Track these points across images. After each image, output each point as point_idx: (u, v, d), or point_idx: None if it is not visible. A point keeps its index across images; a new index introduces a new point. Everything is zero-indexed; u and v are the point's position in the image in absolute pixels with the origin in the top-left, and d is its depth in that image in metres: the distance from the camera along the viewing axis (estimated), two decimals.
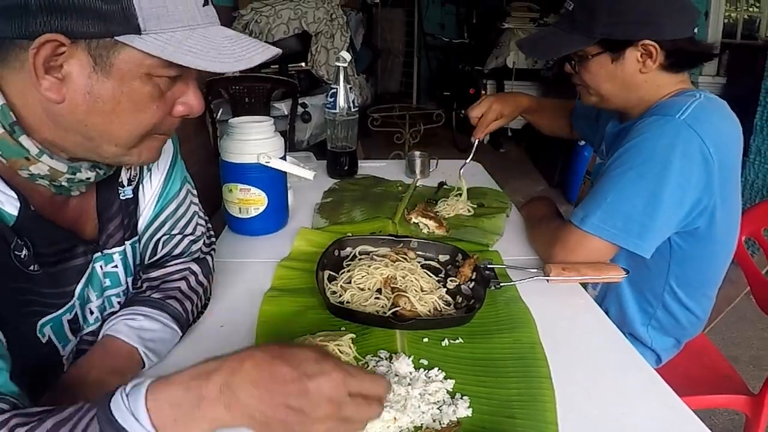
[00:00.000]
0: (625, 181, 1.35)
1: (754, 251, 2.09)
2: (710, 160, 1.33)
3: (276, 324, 1.19)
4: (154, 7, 0.80)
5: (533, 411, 0.95)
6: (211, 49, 0.83)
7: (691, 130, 1.32)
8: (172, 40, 0.81)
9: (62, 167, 0.88)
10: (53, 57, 0.78)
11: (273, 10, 4.55)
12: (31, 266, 0.87)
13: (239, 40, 0.89)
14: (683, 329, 1.64)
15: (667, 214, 1.35)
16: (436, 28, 8.37)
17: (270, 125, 1.58)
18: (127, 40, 0.79)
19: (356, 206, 1.85)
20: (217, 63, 0.82)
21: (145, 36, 0.80)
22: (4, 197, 0.82)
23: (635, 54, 1.42)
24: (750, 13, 5.38)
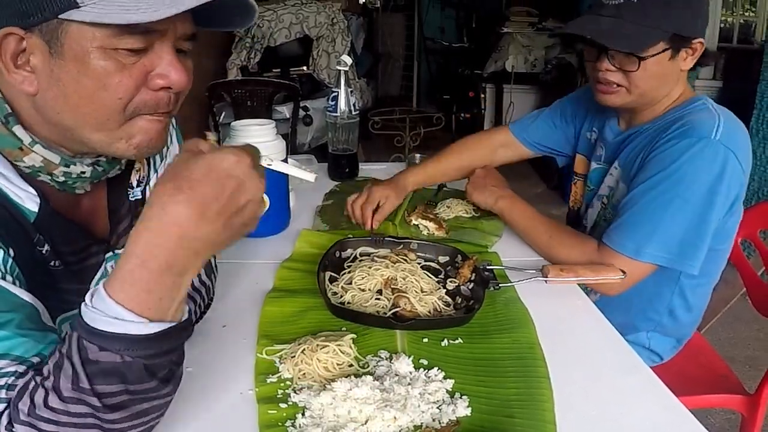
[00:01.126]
0: (673, 209, 1.35)
1: (750, 253, 2.08)
2: (744, 174, 1.39)
3: (277, 324, 1.19)
4: None
5: (532, 410, 0.95)
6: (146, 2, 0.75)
7: (729, 151, 1.33)
8: (108, 4, 0.75)
9: (55, 158, 0.86)
10: (20, 52, 0.78)
11: (275, 15, 4.55)
12: (52, 262, 0.89)
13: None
14: (684, 328, 1.64)
15: (712, 229, 1.38)
16: (436, 32, 8.37)
17: (272, 128, 1.58)
18: (68, 15, 0.75)
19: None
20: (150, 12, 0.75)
21: (83, 7, 0.75)
22: (24, 194, 0.83)
23: (685, 52, 1.41)
24: (746, 18, 5.38)
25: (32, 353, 0.77)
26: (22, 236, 0.83)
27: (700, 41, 1.40)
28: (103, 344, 0.70)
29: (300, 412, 0.92)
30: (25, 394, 0.73)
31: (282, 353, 1.07)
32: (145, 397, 0.74)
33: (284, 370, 1.03)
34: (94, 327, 0.70)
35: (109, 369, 0.70)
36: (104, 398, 0.71)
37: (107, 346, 0.70)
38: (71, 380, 0.70)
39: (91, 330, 0.70)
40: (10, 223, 0.82)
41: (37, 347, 0.78)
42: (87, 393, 0.70)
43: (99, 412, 0.71)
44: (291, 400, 0.95)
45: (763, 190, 3.55)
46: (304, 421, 0.90)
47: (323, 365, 1.02)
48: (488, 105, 6.57)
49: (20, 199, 0.83)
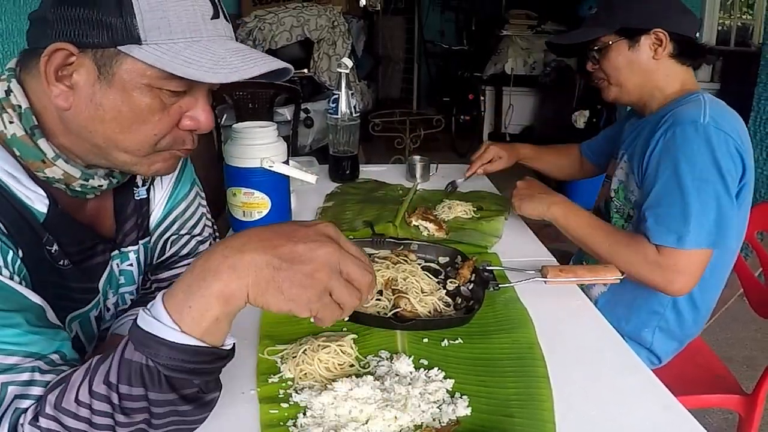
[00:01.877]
0: (695, 191, 1.39)
1: (747, 254, 2.09)
2: (741, 148, 1.43)
3: (279, 325, 1.19)
4: (155, 19, 0.80)
5: (531, 410, 0.95)
6: (208, 60, 0.81)
7: (721, 131, 1.41)
8: (171, 51, 0.80)
9: (76, 173, 0.89)
10: (64, 66, 0.80)
11: (276, 18, 4.56)
12: (61, 261, 0.90)
13: (242, 52, 0.86)
14: (688, 329, 1.64)
15: (734, 202, 1.43)
16: (436, 35, 8.38)
17: (273, 130, 1.58)
18: (128, 50, 0.79)
19: (358, 209, 1.85)
20: (211, 73, 0.80)
21: (146, 46, 0.80)
22: (34, 195, 0.85)
23: (648, 41, 1.59)
24: (743, 21, 5.39)
25: (50, 350, 0.78)
26: (31, 236, 0.85)
27: (660, 31, 1.56)
28: (138, 343, 0.71)
29: (301, 412, 0.92)
30: (57, 388, 0.74)
31: (283, 353, 1.07)
32: (163, 410, 0.74)
33: (286, 370, 1.03)
34: (138, 324, 0.72)
35: (136, 369, 0.71)
36: (124, 400, 0.71)
37: (140, 345, 0.71)
38: (105, 374, 0.72)
39: (135, 327, 0.72)
40: (20, 224, 0.83)
41: (53, 344, 0.79)
42: (113, 389, 0.71)
43: (116, 413, 0.72)
44: (292, 400, 0.95)
45: (760, 192, 3.55)
46: (306, 421, 0.90)
47: (324, 365, 1.02)
48: (488, 107, 6.58)
49: (30, 201, 0.85)
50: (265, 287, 0.70)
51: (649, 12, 1.58)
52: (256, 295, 0.71)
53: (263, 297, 0.71)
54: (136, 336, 0.71)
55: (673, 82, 1.61)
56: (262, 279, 0.70)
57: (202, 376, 0.74)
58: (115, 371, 0.71)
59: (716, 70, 4.96)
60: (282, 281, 0.70)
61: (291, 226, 0.75)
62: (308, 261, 0.71)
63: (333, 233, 0.76)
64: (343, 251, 0.74)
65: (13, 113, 0.84)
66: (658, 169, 1.46)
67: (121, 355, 0.72)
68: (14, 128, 0.84)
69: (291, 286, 0.70)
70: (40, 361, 0.76)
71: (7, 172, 0.82)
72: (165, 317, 0.70)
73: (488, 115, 6.60)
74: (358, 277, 0.74)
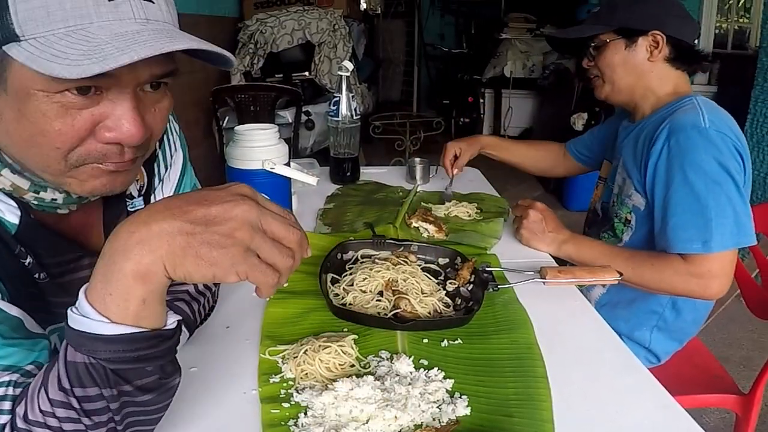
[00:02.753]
0: (710, 195, 1.41)
1: (745, 255, 2.08)
2: (740, 147, 1.46)
3: (280, 325, 1.19)
4: (31, 9, 0.66)
5: (530, 410, 0.95)
6: (77, 51, 0.66)
7: (721, 134, 1.44)
8: (45, 44, 0.66)
9: (24, 184, 0.79)
10: None
11: (277, 21, 4.56)
12: (36, 274, 0.84)
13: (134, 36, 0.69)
14: (687, 328, 1.65)
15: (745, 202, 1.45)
16: (436, 38, 8.40)
17: (274, 132, 1.58)
18: (8, 49, 0.67)
19: (358, 211, 1.85)
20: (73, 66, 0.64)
21: (24, 42, 0.67)
22: (4, 206, 0.79)
23: (645, 43, 1.61)
24: (740, 24, 5.40)
25: (26, 362, 0.75)
26: (3, 249, 0.79)
27: (658, 33, 1.59)
28: (75, 343, 0.66)
29: (302, 412, 0.92)
30: (24, 400, 0.70)
31: (285, 354, 1.07)
32: (122, 403, 0.69)
33: (287, 371, 1.03)
34: (70, 325, 0.66)
35: (82, 370, 0.66)
36: (84, 402, 0.68)
37: (77, 345, 0.66)
38: (57, 380, 0.68)
39: (68, 328, 0.66)
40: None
41: (30, 356, 0.76)
42: (69, 394, 0.67)
43: (81, 416, 0.68)
44: (293, 400, 0.95)
45: (757, 193, 3.55)
46: (307, 421, 0.90)
47: (325, 365, 1.02)
48: (487, 109, 6.59)
49: (0, 212, 0.79)
50: (182, 255, 0.63)
51: (650, 14, 1.60)
52: (174, 266, 0.63)
53: (182, 266, 0.64)
54: (71, 337, 0.66)
55: (665, 85, 1.63)
56: (177, 247, 0.63)
57: (153, 362, 0.69)
58: (65, 376, 0.67)
59: (713, 73, 4.96)
60: (199, 246, 0.63)
61: (201, 192, 0.68)
62: (224, 221, 0.64)
63: (249, 192, 0.69)
64: (262, 208, 0.67)
65: None
66: (667, 178, 1.46)
67: (65, 359, 0.67)
68: None
69: (210, 250, 0.63)
70: (16, 374, 0.73)
71: None
72: (91, 312, 0.65)
73: (487, 118, 6.62)
74: (284, 233, 0.68)
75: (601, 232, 1.74)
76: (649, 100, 1.65)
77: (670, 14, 1.60)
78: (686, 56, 1.63)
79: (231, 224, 0.64)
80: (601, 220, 1.79)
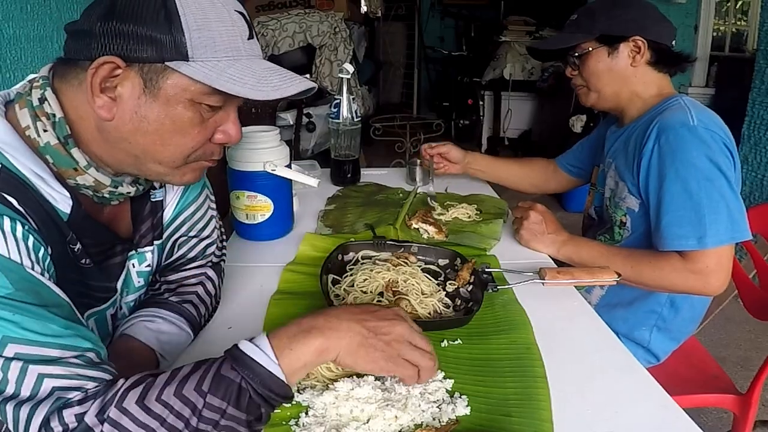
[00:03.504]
0: (704, 191, 1.41)
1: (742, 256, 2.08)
2: (728, 144, 1.47)
3: (282, 326, 1.19)
4: (203, 38, 0.83)
5: (529, 409, 0.95)
6: (251, 78, 0.86)
7: (710, 131, 1.44)
8: (216, 68, 0.84)
9: (106, 180, 0.92)
10: (109, 78, 0.83)
11: (279, 24, 4.57)
12: (83, 260, 0.92)
13: (278, 71, 0.91)
14: (685, 326, 1.65)
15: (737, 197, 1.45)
16: (436, 41, 8.40)
17: (276, 135, 1.58)
18: (176, 66, 0.83)
19: (359, 212, 1.85)
20: (255, 91, 0.85)
21: (192, 63, 0.83)
22: (59, 196, 0.86)
23: (627, 49, 1.61)
24: (738, 27, 5.40)
25: (85, 346, 0.79)
26: (57, 235, 0.86)
27: (639, 38, 1.59)
28: (237, 363, 0.79)
29: (303, 411, 0.92)
30: (138, 387, 0.77)
31: None
32: (228, 425, 0.79)
33: None
34: (240, 348, 0.81)
35: (227, 385, 0.78)
36: (206, 408, 0.77)
37: (238, 365, 0.79)
38: (197, 382, 0.78)
39: (236, 350, 0.81)
40: (48, 223, 0.84)
41: (85, 342, 0.79)
42: (202, 396, 0.77)
43: (194, 416, 0.77)
44: (295, 400, 0.95)
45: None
46: (308, 420, 0.90)
47: (326, 365, 1.02)
48: (486, 112, 6.58)
49: (55, 201, 0.86)
50: (356, 350, 0.86)
51: (629, 20, 1.60)
52: (345, 355, 0.85)
53: (351, 357, 0.86)
54: (235, 357, 0.80)
55: (650, 88, 1.64)
56: (354, 343, 0.86)
57: (269, 408, 0.82)
58: (208, 381, 0.78)
59: (711, 75, 4.97)
60: (367, 347, 0.86)
61: (373, 307, 0.93)
62: (387, 333, 0.89)
63: (404, 315, 0.94)
64: (412, 328, 0.92)
65: (47, 122, 0.86)
66: (659, 176, 1.47)
67: (217, 370, 0.79)
68: (48, 137, 0.85)
69: (374, 351, 0.87)
70: (81, 358, 0.78)
71: (35, 173, 0.83)
72: (268, 350, 0.81)
73: (487, 120, 6.61)
74: (425, 345, 0.92)
75: (597, 235, 1.74)
76: (636, 104, 1.65)
77: (648, 18, 1.61)
78: (667, 58, 1.64)
79: (391, 336, 0.89)
80: (597, 223, 1.79)
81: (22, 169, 0.82)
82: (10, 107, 0.87)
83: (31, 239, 0.79)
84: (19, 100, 0.87)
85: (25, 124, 0.85)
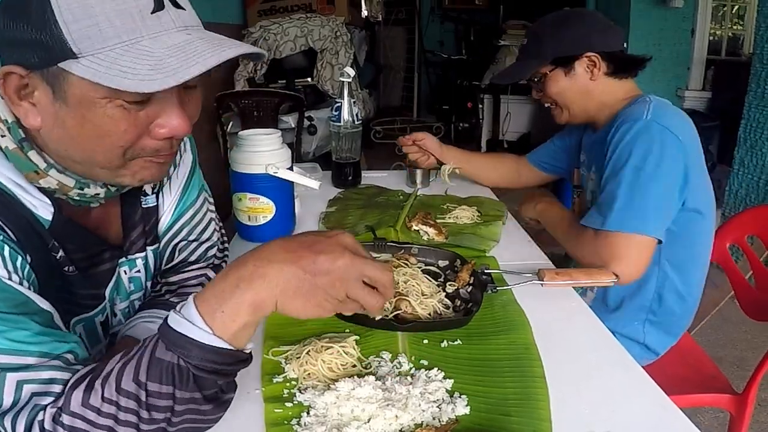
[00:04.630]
0: (638, 182, 1.45)
1: (738, 257, 2.08)
2: (683, 145, 1.47)
3: (283, 326, 1.19)
4: (83, 28, 0.72)
5: (528, 409, 0.95)
6: (144, 65, 0.72)
7: (661, 126, 1.46)
8: (106, 60, 0.72)
9: (70, 182, 0.86)
10: (22, 87, 0.77)
11: (280, 28, 4.57)
12: (66, 267, 0.89)
13: (184, 48, 0.75)
14: (678, 320, 1.65)
15: (670, 198, 1.48)
16: (436, 45, 8.40)
17: (278, 137, 1.58)
18: (66, 66, 0.73)
19: (360, 214, 1.85)
20: (146, 81, 0.72)
21: (82, 59, 0.72)
22: (39, 203, 0.84)
23: (582, 65, 1.64)
24: (734, 31, 5.40)
25: (62, 350, 0.77)
26: (38, 242, 0.84)
27: (592, 54, 1.62)
28: (169, 343, 0.73)
29: (305, 411, 0.92)
30: (81, 385, 0.74)
31: (288, 354, 1.07)
32: (186, 408, 0.76)
33: (290, 371, 1.03)
34: (170, 325, 0.74)
35: (166, 368, 0.73)
36: (152, 397, 0.73)
37: (172, 345, 0.73)
38: (133, 373, 0.73)
39: (167, 328, 0.74)
40: (28, 231, 0.82)
41: (64, 345, 0.78)
42: (142, 387, 0.72)
43: (142, 409, 0.73)
44: (296, 400, 0.95)
45: (750, 197, 3.55)
46: (309, 420, 0.90)
47: (327, 366, 1.02)
48: (486, 115, 6.58)
49: (35, 208, 0.84)
50: (292, 296, 0.75)
51: (576, 37, 1.63)
52: (283, 303, 0.75)
53: (290, 304, 0.75)
54: (167, 336, 0.73)
55: (615, 95, 1.66)
56: (290, 288, 0.75)
57: (225, 377, 0.77)
58: (144, 369, 0.73)
59: (707, 79, 4.97)
60: (306, 292, 0.75)
61: (311, 237, 0.80)
62: (328, 272, 0.76)
63: (348, 240, 0.81)
64: (358, 259, 0.78)
65: (4, 127, 0.81)
66: (609, 162, 1.52)
67: (151, 354, 0.73)
68: (6, 141, 0.81)
69: (314, 295, 0.76)
70: (57, 360, 0.76)
71: (13, 182, 0.81)
72: (198, 320, 0.73)
73: (486, 123, 6.60)
74: (378, 276, 0.80)
75: None
76: (605, 112, 1.68)
77: (594, 31, 1.63)
78: (624, 64, 1.66)
79: (334, 275, 0.76)
80: None
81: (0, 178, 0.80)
82: None
83: (6, 249, 0.76)
84: None
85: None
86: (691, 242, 1.59)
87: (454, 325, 1.20)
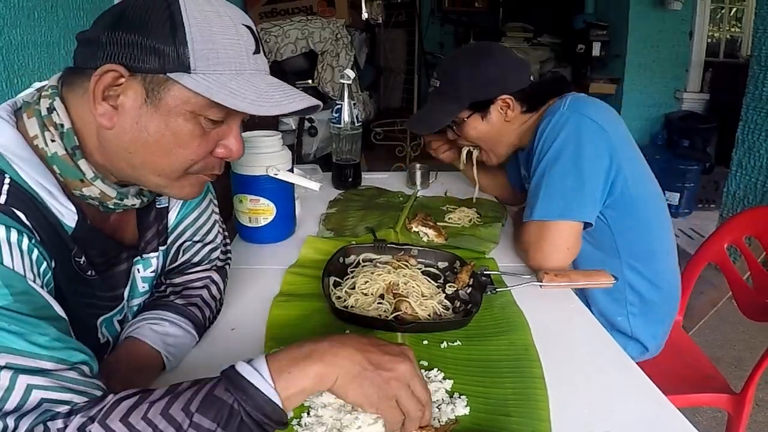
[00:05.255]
0: (552, 172, 1.48)
1: (736, 258, 2.09)
2: (603, 129, 1.48)
3: (284, 327, 1.19)
4: (206, 50, 0.82)
5: (527, 409, 0.95)
6: (252, 93, 0.84)
7: (578, 114, 1.49)
8: (218, 81, 0.82)
9: (111, 192, 0.90)
10: (112, 86, 0.82)
11: (281, 30, 4.56)
12: (88, 272, 0.91)
13: (281, 87, 0.90)
14: (659, 307, 1.64)
15: (594, 181, 1.48)
16: (436, 47, 8.40)
17: (278, 139, 1.59)
18: (177, 77, 0.81)
19: (360, 215, 1.86)
20: (255, 106, 0.83)
21: (194, 75, 0.82)
22: (65, 211, 0.85)
23: (497, 108, 1.66)
24: (732, 34, 5.40)
25: (77, 359, 0.77)
26: (63, 248, 0.85)
27: (508, 97, 1.64)
28: (231, 385, 0.75)
29: (305, 412, 0.92)
30: (128, 401, 0.74)
31: None
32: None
33: None
34: (236, 369, 0.76)
35: (220, 406, 0.73)
36: (192, 428, 0.73)
37: (233, 387, 0.74)
38: (185, 402, 0.73)
39: (232, 371, 0.76)
40: (54, 236, 0.83)
41: (79, 355, 0.77)
42: (188, 416, 0.73)
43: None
44: None
45: (748, 198, 3.55)
46: (309, 420, 0.90)
47: None
48: None
49: (61, 215, 0.85)
50: (351, 380, 0.80)
51: (490, 81, 1.63)
52: (341, 384, 0.79)
53: (346, 386, 0.80)
54: (231, 379, 0.75)
55: (533, 120, 1.66)
56: (352, 372, 0.80)
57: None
58: (197, 402, 0.73)
59: (706, 81, 4.97)
60: (363, 379, 0.80)
61: (381, 342, 0.86)
62: (390, 370, 0.82)
63: (411, 355, 0.86)
64: (416, 371, 0.84)
65: (55, 132, 0.84)
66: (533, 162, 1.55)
67: (209, 391, 0.74)
68: (56, 147, 0.84)
69: (370, 386, 0.80)
70: (73, 372, 0.75)
71: (43, 187, 0.82)
72: (266, 373, 0.76)
73: None
74: (422, 394, 0.84)
75: None
76: (528, 136, 1.67)
77: (507, 71, 1.64)
78: (535, 99, 1.66)
79: (393, 374, 0.81)
80: None
81: (30, 182, 0.81)
82: (19, 116, 0.86)
83: (35, 253, 0.78)
84: (27, 109, 0.86)
85: (33, 134, 0.84)
86: (644, 231, 1.59)
87: (454, 326, 1.20)
